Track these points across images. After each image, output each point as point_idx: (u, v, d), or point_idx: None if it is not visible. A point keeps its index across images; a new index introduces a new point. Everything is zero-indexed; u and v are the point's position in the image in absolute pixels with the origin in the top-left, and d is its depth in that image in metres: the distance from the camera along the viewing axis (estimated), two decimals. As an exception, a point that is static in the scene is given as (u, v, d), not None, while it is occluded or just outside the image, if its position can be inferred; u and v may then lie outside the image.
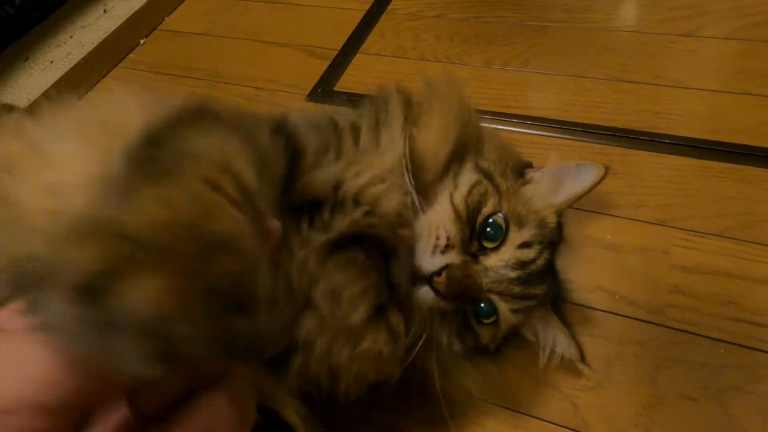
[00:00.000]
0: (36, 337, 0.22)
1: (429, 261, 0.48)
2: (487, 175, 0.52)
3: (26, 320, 0.23)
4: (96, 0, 1.22)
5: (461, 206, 0.49)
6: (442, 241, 0.48)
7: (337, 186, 0.45)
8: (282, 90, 1.04)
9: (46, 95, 1.00)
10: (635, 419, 0.58)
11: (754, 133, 0.83)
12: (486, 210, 0.50)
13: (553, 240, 0.55)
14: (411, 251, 0.48)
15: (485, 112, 0.92)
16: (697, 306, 0.65)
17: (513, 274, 0.50)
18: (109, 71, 1.15)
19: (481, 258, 0.50)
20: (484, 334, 0.52)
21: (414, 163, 0.49)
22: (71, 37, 1.13)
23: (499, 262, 0.50)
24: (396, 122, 0.50)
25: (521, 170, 0.58)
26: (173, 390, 0.27)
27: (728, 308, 0.64)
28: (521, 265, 0.50)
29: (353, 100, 0.97)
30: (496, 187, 0.52)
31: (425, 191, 0.50)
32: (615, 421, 0.58)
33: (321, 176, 0.44)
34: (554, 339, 0.58)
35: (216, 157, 0.31)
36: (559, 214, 0.57)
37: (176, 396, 0.26)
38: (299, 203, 0.43)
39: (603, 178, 0.59)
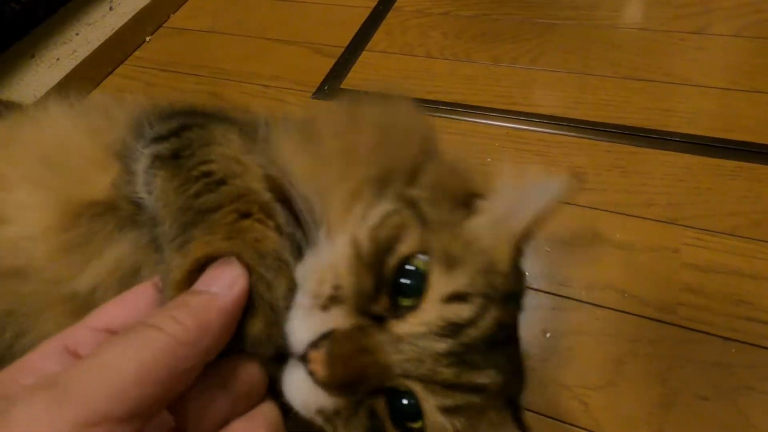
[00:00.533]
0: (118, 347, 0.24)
1: (302, 324, 0.30)
2: (411, 204, 0.35)
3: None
4: (102, -3, 1.22)
5: (365, 243, 0.33)
6: (325, 291, 0.31)
7: None
8: (288, 87, 1.04)
9: (52, 92, 1.01)
10: (647, 418, 0.58)
11: (764, 130, 0.82)
12: (402, 248, 0.33)
13: (509, 291, 0.35)
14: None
15: (493, 110, 0.91)
16: (709, 305, 0.65)
17: (440, 346, 0.31)
18: (115, 68, 1.15)
19: (392, 322, 0.32)
20: None
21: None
22: (77, 34, 1.13)
23: (418, 327, 0.31)
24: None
25: (467, 199, 0.38)
26: (217, 413, 0.27)
27: (740, 307, 0.64)
28: (452, 329, 0.31)
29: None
30: (421, 218, 0.35)
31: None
32: (627, 421, 0.58)
33: None
34: None
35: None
36: (518, 252, 0.37)
37: (218, 422, 0.27)
38: None
39: (571, 190, 0.38)
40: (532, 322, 0.66)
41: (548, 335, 0.65)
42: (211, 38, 1.21)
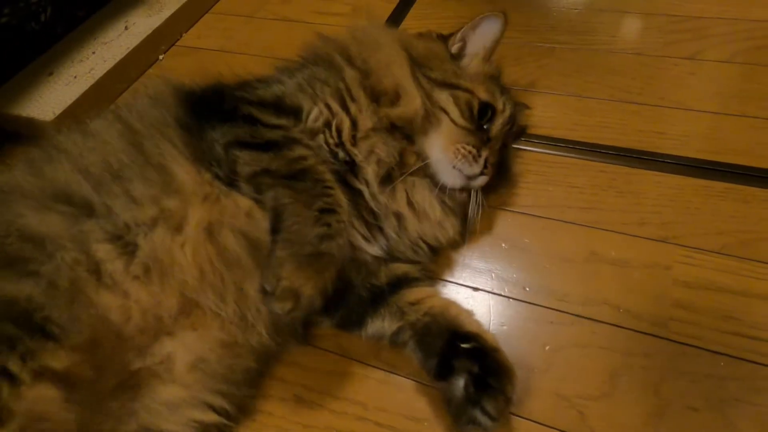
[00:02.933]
0: None
1: (472, 166, 0.73)
2: (450, 85, 0.76)
3: None
4: (118, 17, 1.26)
5: (460, 119, 0.74)
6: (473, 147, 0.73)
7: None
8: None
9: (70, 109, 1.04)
10: (641, 428, 0.61)
11: (753, 154, 0.86)
12: (474, 102, 0.75)
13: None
14: None
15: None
16: (699, 320, 0.68)
17: (505, 126, 0.78)
18: (130, 85, 1.19)
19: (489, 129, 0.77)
20: None
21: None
22: (94, 53, 1.17)
23: (500, 126, 0.77)
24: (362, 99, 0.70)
25: (453, 55, 0.80)
26: None
27: (728, 323, 0.68)
28: (510, 119, 0.79)
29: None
30: (454, 85, 0.76)
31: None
32: (621, 430, 0.61)
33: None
34: None
35: None
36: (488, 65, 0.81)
37: None
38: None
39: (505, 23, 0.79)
40: (533, 336, 0.69)
41: (547, 348, 0.68)
42: (222, 57, 1.25)
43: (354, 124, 0.68)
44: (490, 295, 0.75)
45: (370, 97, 0.71)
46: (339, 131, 0.68)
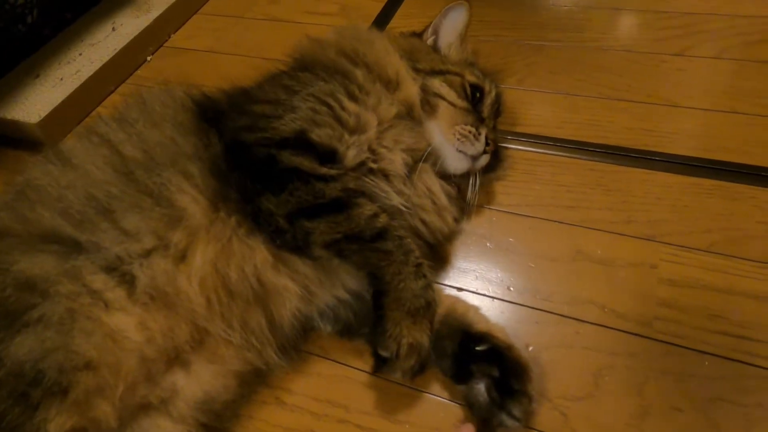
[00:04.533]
0: None
1: (475, 145, 0.75)
2: (438, 72, 0.79)
3: None
4: (105, 18, 1.25)
5: (458, 100, 0.77)
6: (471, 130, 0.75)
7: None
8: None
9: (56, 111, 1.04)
10: (624, 429, 0.60)
11: (741, 150, 0.85)
12: (467, 82, 0.80)
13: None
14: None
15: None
16: (684, 319, 0.67)
17: (494, 105, 0.83)
18: (117, 87, 1.18)
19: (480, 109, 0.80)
20: None
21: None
22: (80, 54, 1.17)
23: (488, 106, 0.81)
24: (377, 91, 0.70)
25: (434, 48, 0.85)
26: None
27: (714, 321, 0.67)
28: (498, 98, 0.84)
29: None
30: (445, 71, 0.79)
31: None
32: (604, 431, 0.60)
33: None
34: None
35: None
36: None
37: None
38: None
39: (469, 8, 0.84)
40: (516, 336, 0.68)
41: (531, 348, 0.67)
42: (211, 58, 1.25)
43: (378, 117, 0.68)
44: (474, 295, 0.74)
45: (384, 86, 0.72)
46: (366, 133, 0.66)
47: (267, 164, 0.62)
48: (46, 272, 0.54)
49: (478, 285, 0.75)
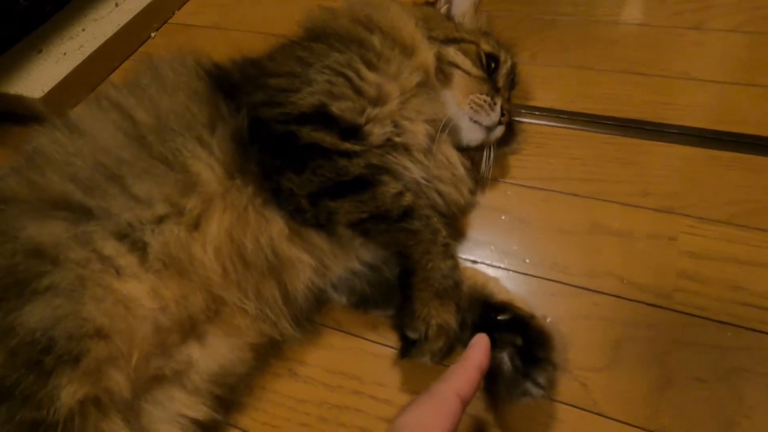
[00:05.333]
0: None
1: (490, 115, 0.74)
2: (453, 40, 0.77)
3: None
4: (108, -7, 1.23)
5: (473, 68, 0.75)
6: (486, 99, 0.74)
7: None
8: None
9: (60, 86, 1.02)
10: (645, 400, 0.59)
11: (760, 123, 0.84)
12: (482, 51, 0.77)
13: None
14: None
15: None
16: (705, 291, 0.66)
17: (511, 73, 0.81)
18: (121, 63, 1.17)
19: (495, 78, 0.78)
20: None
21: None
22: (84, 29, 1.15)
23: (504, 76, 0.79)
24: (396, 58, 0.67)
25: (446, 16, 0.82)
26: None
27: (735, 293, 0.65)
28: (514, 67, 0.82)
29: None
30: (460, 39, 0.78)
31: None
32: (625, 402, 0.59)
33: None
34: None
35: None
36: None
37: None
38: None
39: None
40: (534, 308, 0.67)
41: (548, 320, 0.66)
42: (216, 34, 1.22)
43: (400, 87, 0.65)
44: (490, 267, 0.72)
45: (402, 52, 0.69)
46: (388, 105, 0.64)
47: (287, 141, 0.60)
48: (56, 238, 0.52)
49: (493, 258, 0.73)
